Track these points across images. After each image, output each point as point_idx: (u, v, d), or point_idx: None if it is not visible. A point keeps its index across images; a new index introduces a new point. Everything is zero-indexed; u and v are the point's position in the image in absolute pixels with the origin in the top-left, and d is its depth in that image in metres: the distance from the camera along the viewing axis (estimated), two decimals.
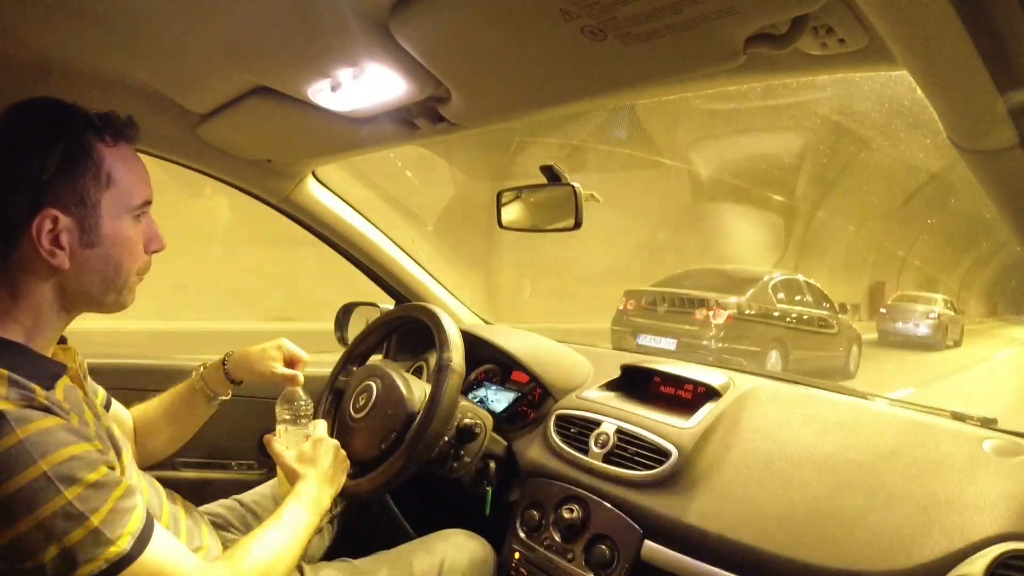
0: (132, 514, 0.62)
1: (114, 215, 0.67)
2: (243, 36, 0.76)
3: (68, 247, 0.65)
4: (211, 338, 4.47)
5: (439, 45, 0.72)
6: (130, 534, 0.61)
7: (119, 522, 0.60)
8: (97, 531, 0.58)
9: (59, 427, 0.59)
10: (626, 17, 0.59)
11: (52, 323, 0.68)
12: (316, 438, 0.95)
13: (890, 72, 0.64)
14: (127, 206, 0.68)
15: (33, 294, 0.66)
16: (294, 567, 0.78)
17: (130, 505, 0.62)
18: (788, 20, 0.58)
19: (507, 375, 1.38)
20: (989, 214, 4.19)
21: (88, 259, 0.66)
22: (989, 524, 0.77)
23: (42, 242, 0.63)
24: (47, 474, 0.56)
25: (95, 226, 0.66)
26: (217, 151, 1.18)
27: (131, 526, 0.61)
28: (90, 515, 0.58)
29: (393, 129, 1.00)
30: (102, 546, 0.58)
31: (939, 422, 1.07)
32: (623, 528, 0.98)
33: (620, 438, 1.08)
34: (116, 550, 0.59)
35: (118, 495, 0.61)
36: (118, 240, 0.68)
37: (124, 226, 0.68)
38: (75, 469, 0.58)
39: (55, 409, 0.61)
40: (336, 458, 0.94)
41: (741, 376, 1.25)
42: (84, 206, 0.65)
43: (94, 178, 0.65)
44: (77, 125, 0.65)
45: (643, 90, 0.81)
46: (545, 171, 1.14)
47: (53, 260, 0.64)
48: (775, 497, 0.92)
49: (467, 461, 1.13)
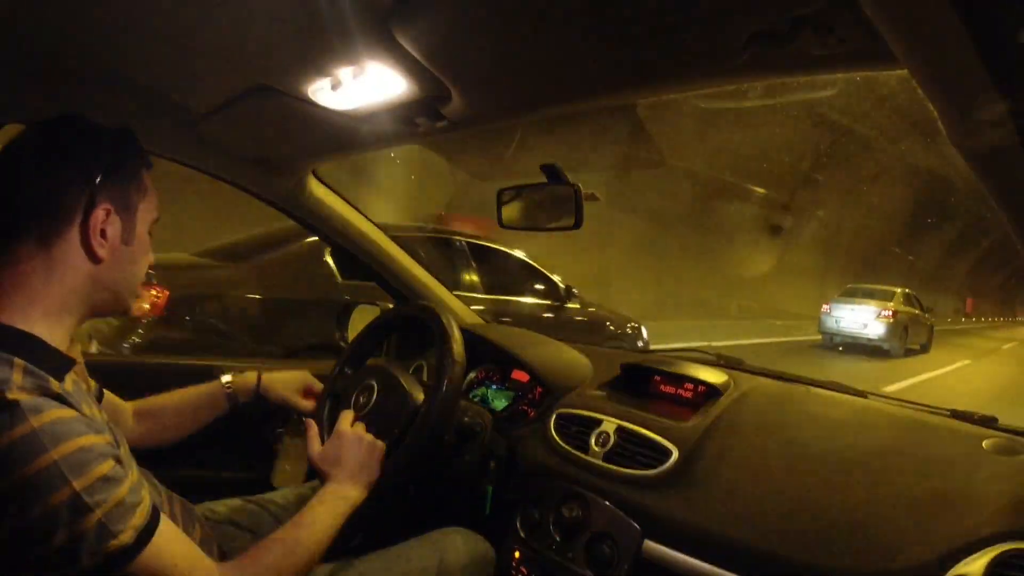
0: (138, 508, 0.63)
1: (143, 222, 0.77)
2: (244, 35, 0.76)
3: (110, 241, 0.71)
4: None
5: (440, 45, 0.72)
6: (134, 528, 0.62)
7: (124, 516, 0.61)
8: (101, 524, 0.59)
9: (72, 418, 0.61)
10: (627, 17, 0.59)
11: (73, 317, 0.71)
12: (337, 432, 0.96)
13: (890, 72, 0.64)
14: (150, 218, 0.78)
15: (67, 282, 0.69)
16: (314, 561, 0.81)
17: (136, 499, 0.63)
18: (789, 19, 0.58)
19: (507, 374, 1.38)
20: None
21: (122, 255, 0.73)
22: (988, 523, 0.77)
23: (95, 231, 0.69)
24: (57, 463, 0.57)
25: (132, 227, 0.74)
26: (217, 150, 1.18)
27: (136, 520, 0.62)
28: (95, 508, 0.59)
29: (393, 128, 1.00)
30: (105, 539, 0.59)
31: (939, 421, 1.07)
32: (623, 527, 0.98)
33: (620, 437, 1.08)
34: (118, 543, 0.60)
35: (125, 489, 0.62)
36: (142, 244, 0.77)
37: (145, 235, 0.78)
38: (85, 460, 0.59)
39: (68, 399, 0.62)
40: (363, 447, 0.95)
41: (741, 375, 1.25)
42: (127, 209, 0.73)
43: (137, 188, 0.75)
44: (132, 140, 0.76)
45: (643, 90, 0.81)
46: (546, 170, 1.14)
47: (99, 250, 0.70)
48: (775, 496, 0.92)
49: (467, 460, 1.12)
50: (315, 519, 0.84)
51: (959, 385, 7.75)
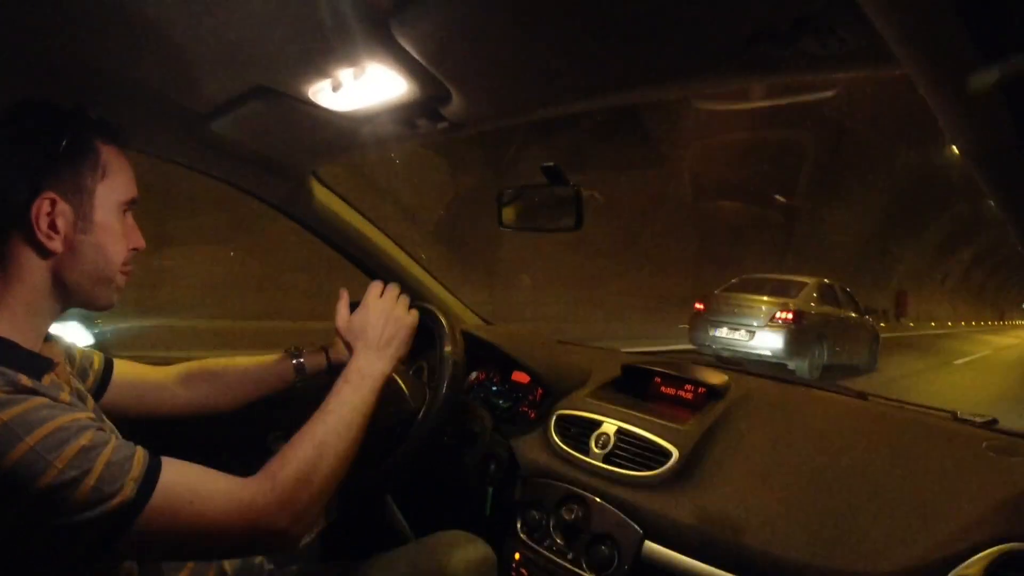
0: (131, 461, 0.61)
1: (106, 206, 0.71)
2: (244, 36, 0.76)
3: (63, 231, 0.67)
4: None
5: (440, 45, 0.73)
6: (133, 480, 0.59)
7: (118, 474, 0.59)
8: (97, 489, 0.57)
9: (43, 405, 0.59)
10: (626, 17, 0.59)
11: (43, 316, 0.69)
12: (364, 302, 0.93)
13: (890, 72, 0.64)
14: (117, 200, 0.72)
15: (26, 281, 0.67)
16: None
17: (127, 453, 0.61)
18: (789, 20, 0.58)
19: (508, 375, 1.38)
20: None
21: (81, 245, 0.69)
22: (988, 524, 0.77)
23: (39, 224, 0.65)
24: (35, 448, 0.56)
25: (89, 213, 0.69)
26: (217, 151, 1.18)
27: (133, 472, 0.60)
28: (85, 477, 0.57)
29: (394, 129, 1.00)
30: (107, 500, 0.57)
31: (939, 423, 1.07)
32: (623, 528, 0.98)
33: (621, 438, 1.08)
34: (121, 499, 0.58)
35: (110, 450, 0.60)
36: (108, 229, 0.71)
37: (113, 218, 0.72)
38: (63, 439, 0.57)
39: (40, 390, 0.61)
40: (390, 319, 0.91)
41: (741, 376, 1.25)
42: (81, 193, 0.68)
43: (91, 169, 0.69)
44: (80, 121, 0.70)
45: (643, 90, 0.82)
46: (546, 171, 1.14)
47: (49, 243, 0.66)
48: (775, 497, 0.92)
49: (468, 462, 1.12)
50: (342, 402, 0.79)
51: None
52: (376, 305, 0.93)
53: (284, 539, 0.68)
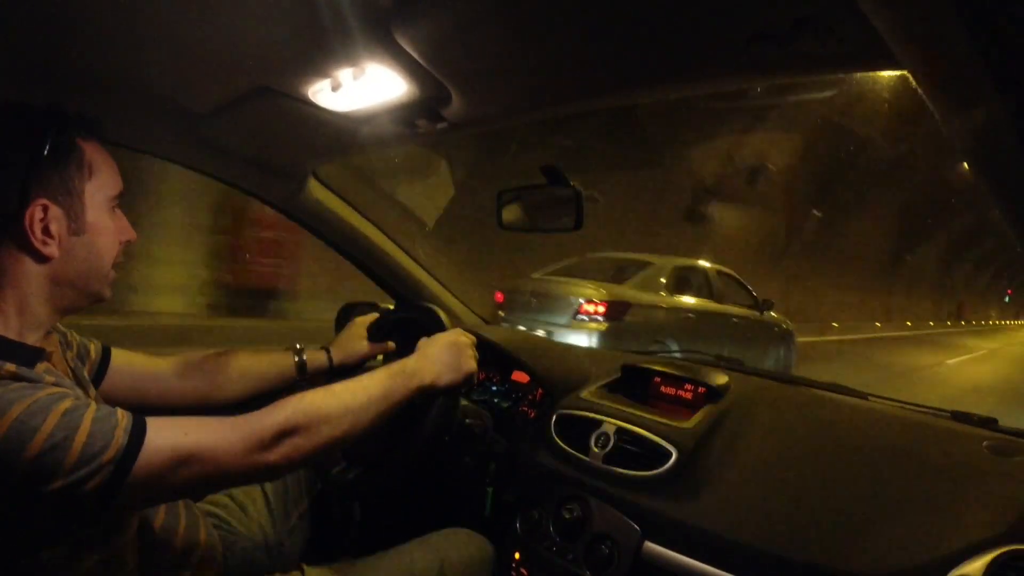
0: (116, 415, 0.61)
1: (95, 205, 0.71)
2: (244, 36, 0.76)
3: (57, 236, 0.67)
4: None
5: (440, 46, 0.73)
6: (124, 429, 0.60)
7: (106, 427, 0.59)
8: (88, 444, 0.57)
9: (23, 386, 0.59)
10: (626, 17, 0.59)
11: (39, 319, 0.69)
12: (450, 332, 0.95)
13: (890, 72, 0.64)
14: (105, 196, 0.72)
15: (19, 286, 0.67)
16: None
17: (109, 411, 0.61)
18: (789, 20, 0.58)
19: (507, 375, 1.38)
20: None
21: (75, 247, 0.69)
22: (988, 525, 0.77)
23: (34, 231, 0.65)
24: (19, 418, 0.55)
25: (80, 214, 0.69)
26: (217, 152, 1.18)
27: (122, 421, 0.60)
28: (73, 435, 0.57)
29: (393, 129, 1.00)
30: (100, 454, 0.57)
31: (939, 422, 1.07)
32: (623, 528, 0.98)
33: (620, 438, 1.08)
34: (116, 448, 0.58)
35: (93, 408, 0.60)
36: (100, 228, 0.71)
37: (104, 216, 0.72)
38: (44, 406, 0.57)
39: (26, 376, 0.60)
40: (462, 357, 0.90)
41: (742, 376, 1.25)
42: (70, 196, 0.68)
43: (77, 169, 0.69)
44: (60, 121, 0.68)
45: (643, 90, 0.82)
46: (546, 172, 1.14)
47: (45, 249, 0.66)
48: (775, 497, 0.92)
49: (468, 461, 1.12)
50: (372, 381, 0.79)
51: None
52: (460, 339, 0.94)
53: (274, 473, 0.70)
